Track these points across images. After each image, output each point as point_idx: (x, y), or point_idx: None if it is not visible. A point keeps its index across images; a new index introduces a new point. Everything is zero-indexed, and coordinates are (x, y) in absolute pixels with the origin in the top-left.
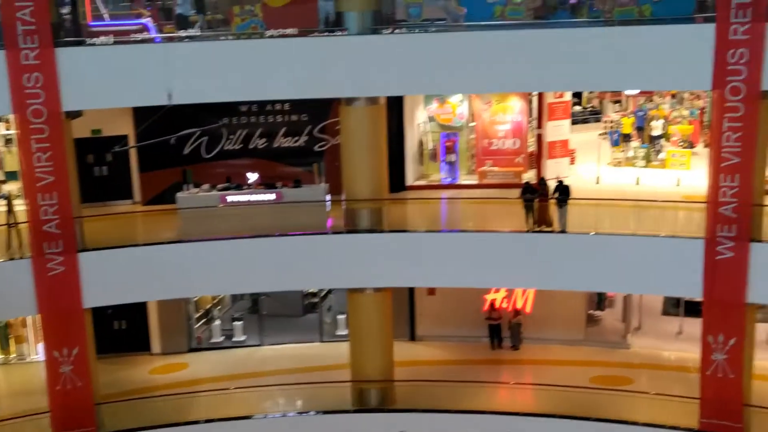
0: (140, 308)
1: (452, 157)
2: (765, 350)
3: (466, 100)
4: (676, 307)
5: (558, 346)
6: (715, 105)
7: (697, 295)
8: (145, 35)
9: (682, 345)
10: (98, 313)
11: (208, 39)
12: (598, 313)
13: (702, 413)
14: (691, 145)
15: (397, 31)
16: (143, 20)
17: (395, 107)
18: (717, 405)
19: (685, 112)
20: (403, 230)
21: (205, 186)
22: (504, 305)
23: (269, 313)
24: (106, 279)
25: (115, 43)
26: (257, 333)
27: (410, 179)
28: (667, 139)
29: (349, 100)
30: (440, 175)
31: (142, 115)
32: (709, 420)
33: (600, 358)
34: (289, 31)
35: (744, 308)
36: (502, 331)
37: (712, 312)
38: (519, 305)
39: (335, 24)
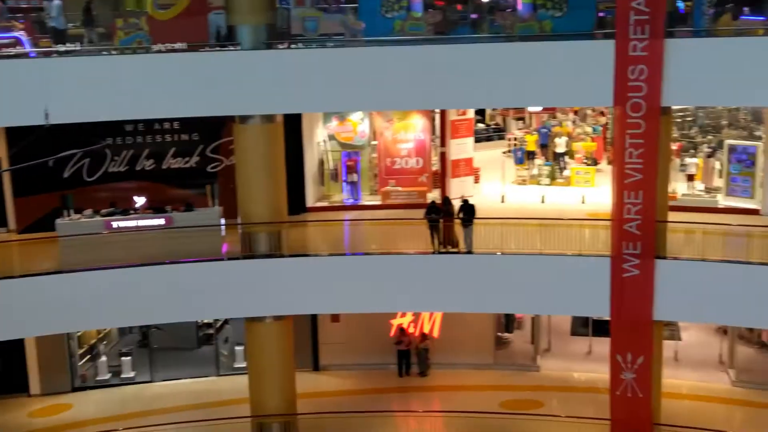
0: (16, 346)
1: (354, 177)
2: (673, 368)
3: (367, 117)
4: (584, 326)
5: (467, 371)
6: (617, 121)
7: (604, 313)
8: (18, 50)
9: (591, 365)
10: None
11: (90, 54)
12: (506, 335)
13: None
14: (595, 162)
15: (293, 46)
16: (16, 33)
17: (293, 125)
18: (627, 425)
19: (588, 129)
20: (304, 254)
21: (88, 211)
22: (411, 330)
23: (160, 346)
24: None
25: None
26: (148, 368)
27: (311, 200)
28: (571, 157)
29: (244, 119)
30: (342, 196)
31: (16, 135)
32: None
33: (510, 381)
34: (177, 45)
35: (651, 326)
36: (411, 356)
37: (620, 330)
38: (426, 329)
39: (227, 38)
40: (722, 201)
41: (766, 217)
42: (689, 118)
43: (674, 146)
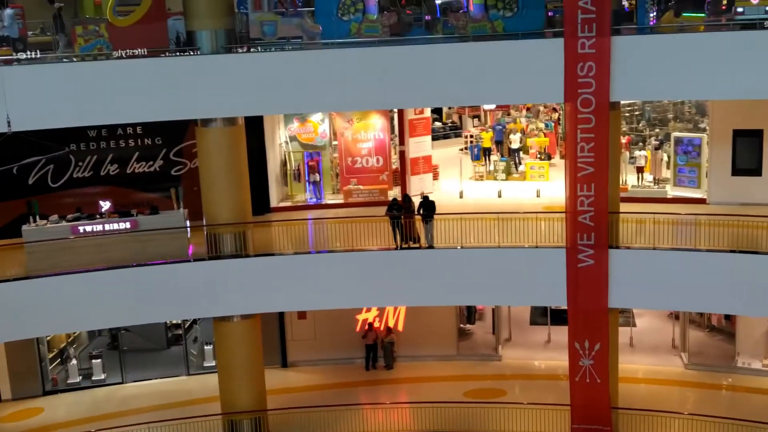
0: None
1: (316, 177)
2: (629, 353)
3: (327, 118)
4: (543, 316)
5: (431, 362)
6: (569, 117)
7: (562, 303)
8: None
9: (551, 353)
10: None
11: (50, 61)
12: (468, 327)
13: (573, 419)
14: (549, 157)
15: (252, 50)
16: None
17: (255, 127)
18: (586, 410)
19: (541, 125)
20: (269, 254)
21: (54, 217)
22: (376, 324)
23: (130, 348)
24: None
25: None
26: (118, 370)
27: (274, 201)
28: (526, 152)
29: (206, 122)
30: (305, 196)
31: None
32: (580, 425)
33: (473, 371)
34: (138, 51)
35: (607, 313)
36: (377, 350)
37: (577, 319)
38: (391, 324)
39: (187, 43)
40: (670, 191)
41: (713, 206)
42: (637, 113)
43: (623, 140)
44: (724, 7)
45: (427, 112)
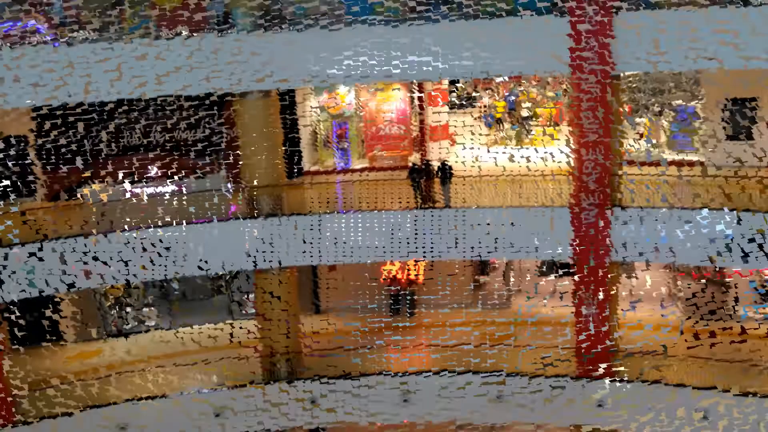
0: (53, 300)
1: (344, 144)
2: (628, 301)
3: (353, 90)
4: (551, 268)
5: (449, 309)
6: (575, 87)
7: (568, 257)
8: (37, 38)
9: (557, 302)
10: (10, 306)
11: (103, 41)
12: (482, 277)
13: (578, 360)
14: (557, 124)
15: (284, 27)
16: (39, 26)
17: (288, 99)
18: (590, 352)
19: (550, 95)
20: (303, 213)
21: (111, 180)
22: (399, 275)
23: (179, 296)
24: (14, 275)
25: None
26: (168, 316)
27: (306, 165)
28: (535, 120)
29: (243, 94)
30: (334, 161)
31: (41, 114)
32: (584, 366)
33: (486, 317)
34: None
35: (609, 266)
36: (400, 298)
37: (582, 271)
38: (412, 275)
39: (225, 22)
40: (668, 155)
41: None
42: (637, 83)
43: (625, 108)
44: None
45: (445, 84)
